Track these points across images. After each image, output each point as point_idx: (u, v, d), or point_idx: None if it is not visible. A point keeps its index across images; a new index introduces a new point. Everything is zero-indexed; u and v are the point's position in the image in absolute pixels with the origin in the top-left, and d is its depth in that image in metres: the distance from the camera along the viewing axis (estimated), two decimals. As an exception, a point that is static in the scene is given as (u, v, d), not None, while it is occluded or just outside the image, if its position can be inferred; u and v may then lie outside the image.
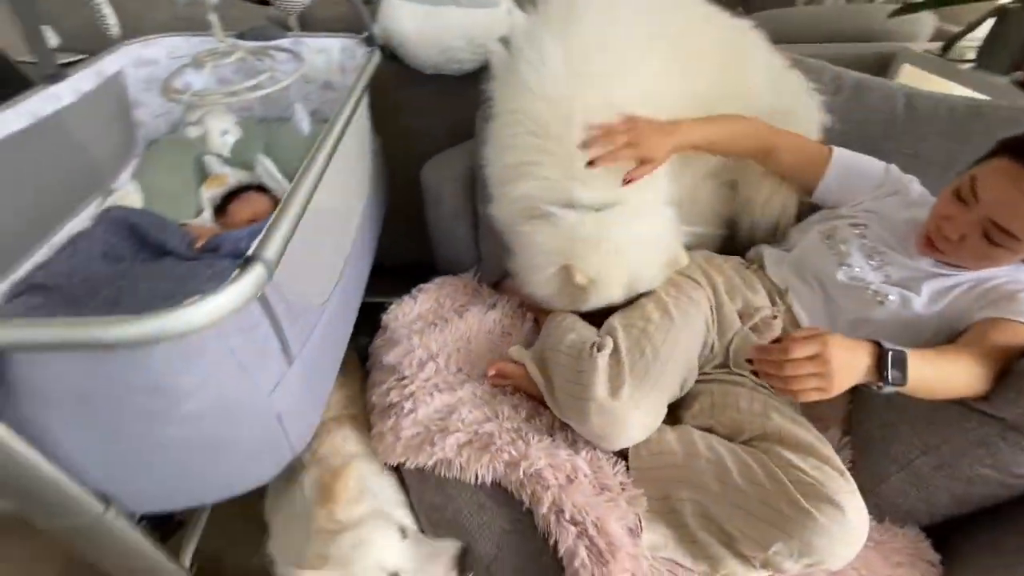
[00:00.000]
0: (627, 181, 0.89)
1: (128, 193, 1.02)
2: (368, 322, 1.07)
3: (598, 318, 0.95)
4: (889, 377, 0.68)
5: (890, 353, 0.69)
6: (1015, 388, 0.70)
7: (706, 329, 0.94)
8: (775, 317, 0.96)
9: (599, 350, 0.83)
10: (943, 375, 0.72)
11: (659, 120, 0.91)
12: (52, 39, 0.92)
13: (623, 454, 0.85)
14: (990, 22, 1.33)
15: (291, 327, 0.69)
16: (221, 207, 1.10)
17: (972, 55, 1.39)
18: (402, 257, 1.27)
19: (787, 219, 1.11)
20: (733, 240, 1.16)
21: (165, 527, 0.81)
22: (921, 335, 0.85)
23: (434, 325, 1.04)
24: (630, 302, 0.96)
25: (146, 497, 0.67)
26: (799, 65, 1.14)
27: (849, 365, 0.68)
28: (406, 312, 1.07)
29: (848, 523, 0.67)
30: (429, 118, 1.38)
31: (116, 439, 0.59)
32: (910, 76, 1.44)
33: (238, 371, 0.61)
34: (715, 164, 1.08)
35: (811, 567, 0.70)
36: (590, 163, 0.87)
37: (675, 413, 0.93)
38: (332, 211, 0.84)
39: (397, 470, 0.90)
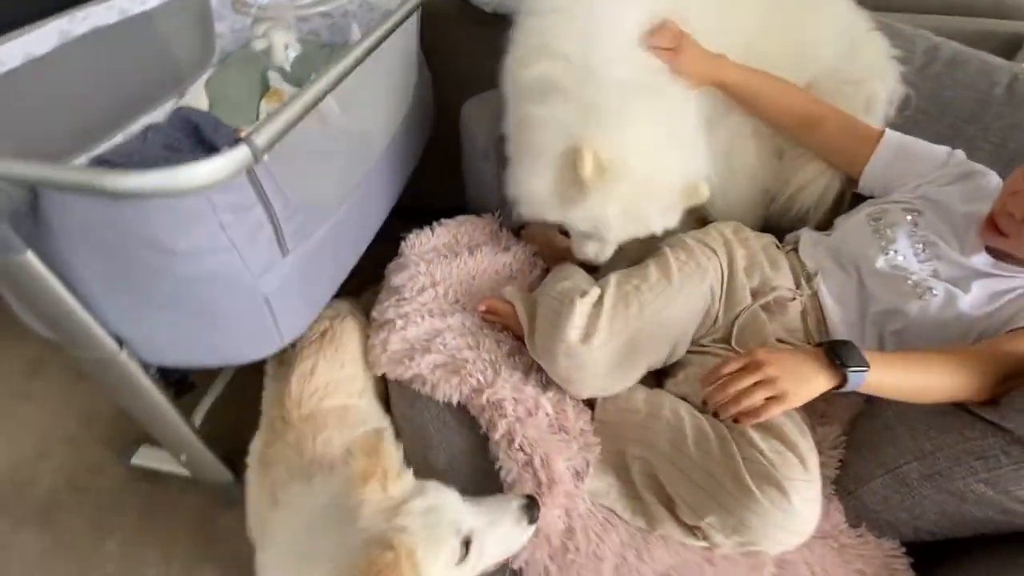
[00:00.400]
0: None
1: (197, 96, 1.13)
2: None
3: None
4: (845, 367, 0.64)
5: (833, 345, 0.66)
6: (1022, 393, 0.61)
7: (710, 300, 0.90)
8: (793, 299, 0.90)
9: (583, 296, 0.82)
10: (914, 376, 0.68)
11: (702, 46, 0.88)
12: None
13: (592, 404, 0.85)
14: None
15: (288, 221, 0.74)
16: (275, 120, 1.19)
17: None
18: (448, 200, 1.30)
19: (820, 209, 1.02)
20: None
21: (179, 386, 0.93)
22: (965, 338, 0.77)
23: (445, 257, 1.07)
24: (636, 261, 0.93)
25: (153, 349, 0.77)
26: (887, 30, 1.02)
27: (792, 367, 0.65)
28: (423, 242, 1.11)
29: (792, 511, 0.64)
30: (487, 60, 1.38)
31: (125, 286, 0.69)
32: (1043, 61, 1.23)
33: (229, 247, 0.68)
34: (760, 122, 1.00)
35: (743, 546, 0.67)
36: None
37: (660, 380, 0.91)
38: (349, 126, 0.88)
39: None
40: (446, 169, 1.27)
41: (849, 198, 1.01)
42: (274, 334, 0.80)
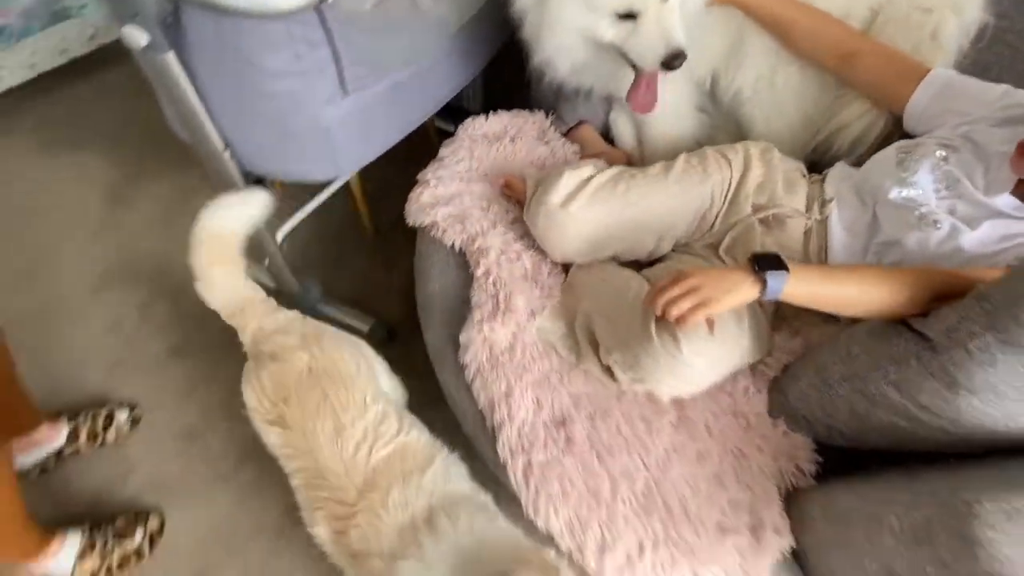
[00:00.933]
0: None
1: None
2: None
3: None
4: (763, 274, 0.67)
5: (758, 255, 0.69)
6: (951, 305, 0.61)
7: (708, 203, 0.94)
8: (793, 218, 0.91)
9: (575, 169, 0.92)
10: (845, 288, 0.70)
11: None
12: None
13: (567, 270, 0.96)
14: None
15: (351, 67, 0.93)
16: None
17: None
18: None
19: (857, 151, 0.99)
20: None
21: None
22: None
23: (490, 141, 1.21)
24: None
25: (247, 155, 1.02)
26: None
27: (715, 278, 0.69)
28: (476, 127, 1.25)
29: (681, 359, 0.72)
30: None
31: (231, 95, 0.92)
32: None
33: (301, 74, 0.88)
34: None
35: (637, 383, 0.76)
36: None
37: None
38: (422, 7, 1.03)
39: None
40: (519, 79, 1.38)
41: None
42: (332, 161, 1.02)
